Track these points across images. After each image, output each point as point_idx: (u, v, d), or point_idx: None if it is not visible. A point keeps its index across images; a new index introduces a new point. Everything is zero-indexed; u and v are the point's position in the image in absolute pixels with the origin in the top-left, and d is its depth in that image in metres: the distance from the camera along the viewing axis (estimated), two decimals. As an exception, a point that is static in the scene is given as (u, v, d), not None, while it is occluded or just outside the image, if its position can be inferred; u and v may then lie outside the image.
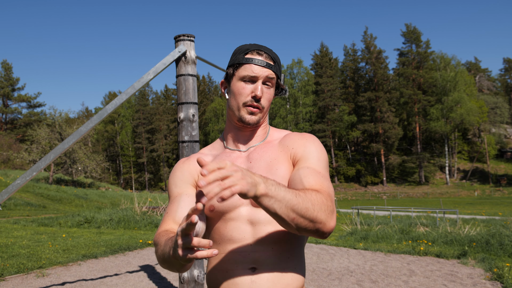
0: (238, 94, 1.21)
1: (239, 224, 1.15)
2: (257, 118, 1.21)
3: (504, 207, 27.90)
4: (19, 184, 3.16)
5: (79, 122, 40.54)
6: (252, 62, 1.19)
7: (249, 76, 1.19)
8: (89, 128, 3.32)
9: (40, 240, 8.13)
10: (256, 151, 1.25)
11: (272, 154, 1.23)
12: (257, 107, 1.20)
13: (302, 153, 1.19)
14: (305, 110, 60.35)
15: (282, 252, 1.15)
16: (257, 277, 1.12)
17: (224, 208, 1.17)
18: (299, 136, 1.25)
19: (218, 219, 1.19)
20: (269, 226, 1.15)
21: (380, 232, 9.61)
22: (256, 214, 1.16)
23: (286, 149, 1.23)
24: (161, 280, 5.17)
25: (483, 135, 61.14)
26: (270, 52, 1.23)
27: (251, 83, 1.20)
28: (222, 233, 1.17)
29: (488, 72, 75.64)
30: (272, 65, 1.21)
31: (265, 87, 1.21)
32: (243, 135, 1.28)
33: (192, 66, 3.58)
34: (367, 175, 60.28)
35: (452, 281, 5.11)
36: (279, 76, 1.24)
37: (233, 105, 1.22)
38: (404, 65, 61.05)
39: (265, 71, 1.19)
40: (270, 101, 1.23)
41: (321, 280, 5.20)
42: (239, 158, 1.25)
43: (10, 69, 60.44)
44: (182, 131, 3.48)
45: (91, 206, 21.65)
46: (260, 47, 1.22)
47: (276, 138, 1.30)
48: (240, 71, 1.21)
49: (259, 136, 1.29)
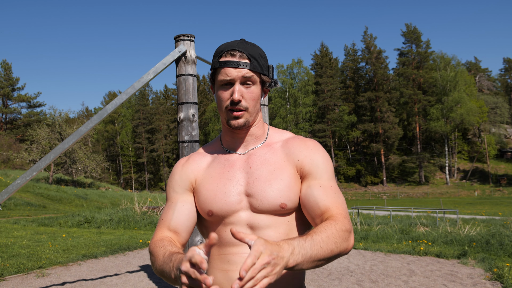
0: (219, 100, 1.18)
1: (238, 228, 1.15)
2: (243, 120, 1.17)
3: (504, 207, 27.90)
4: (19, 184, 3.16)
5: (79, 122, 40.55)
6: (225, 65, 1.14)
7: (225, 81, 1.15)
8: (89, 128, 3.32)
9: (40, 240, 8.13)
10: (256, 156, 1.22)
11: (275, 162, 1.20)
12: (239, 109, 1.15)
13: (309, 166, 1.18)
14: (305, 110, 60.34)
15: None
16: None
17: (223, 213, 1.16)
18: (303, 145, 1.22)
19: (218, 224, 1.19)
20: (268, 230, 1.15)
21: (380, 232, 9.61)
22: (256, 219, 1.15)
23: (291, 160, 1.20)
24: (161, 280, 5.17)
25: (483, 135, 61.15)
26: (245, 49, 1.16)
27: (230, 86, 1.16)
28: (221, 236, 1.17)
29: (488, 72, 75.64)
30: (247, 63, 1.14)
31: (245, 86, 1.15)
32: (238, 137, 1.24)
33: (192, 66, 3.59)
34: (367, 175, 60.29)
35: (452, 281, 5.11)
36: (260, 71, 1.17)
37: (219, 110, 1.21)
38: (404, 65, 61.05)
39: (240, 72, 1.14)
40: (255, 99, 1.17)
41: (321, 280, 5.20)
42: (237, 161, 1.23)
43: (10, 69, 60.45)
44: (182, 131, 3.48)
45: (91, 206, 21.65)
46: (233, 47, 1.16)
47: (276, 141, 1.26)
48: (217, 76, 1.17)
49: (257, 137, 1.25)
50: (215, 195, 1.18)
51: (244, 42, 1.19)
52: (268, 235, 1.14)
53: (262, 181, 1.16)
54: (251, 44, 1.20)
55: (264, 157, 1.21)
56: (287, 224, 1.17)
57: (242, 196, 1.17)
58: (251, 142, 1.25)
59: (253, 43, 1.21)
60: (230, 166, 1.22)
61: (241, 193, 1.17)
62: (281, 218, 1.16)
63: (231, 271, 1.15)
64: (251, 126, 1.23)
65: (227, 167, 1.23)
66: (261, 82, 1.20)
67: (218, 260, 1.18)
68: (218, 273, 1.17)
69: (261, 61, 1.18)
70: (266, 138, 1.27)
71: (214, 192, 1.18)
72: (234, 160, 1.24)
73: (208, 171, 1.24)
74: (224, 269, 1.16)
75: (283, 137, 1.28)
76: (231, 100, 1.15)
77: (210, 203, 1.17)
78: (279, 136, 1.29)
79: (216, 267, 1.18)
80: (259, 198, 1.15)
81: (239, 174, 1.20)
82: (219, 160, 1.26)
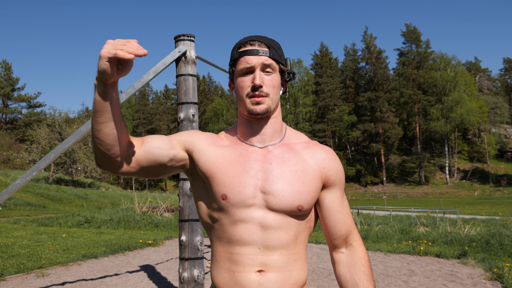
0: (240, 88, 1.18)
1: (249, 226, 1.13)
2: (265, 106, 1.16)
3: (504, 207, 27.89)
4: (19, 184, 3.16)
5: (79, 122, 40.49)
6: (245, 53, 1.16)
7: (245, 68, 1.16)
8: (89, 128, 3.32)
9: (40, 240, 8.13)
10: (276, 153, 1.20)
11: (297, 163, 1.19)
12: (260, 95, 1.15)
13: (334, 177, 1.23)
14: (305, 110, 60.33)
15: (289, 255, 1.15)
16: (264, 279, 1.12)
17: (236, 201, 1.13)
18: (326, 153, 1.23)
19: (230, 218, 1.15)
20: (280, 231, 1.14)
21: (380, 232, 9.61)
22: (269, 218, 1.13)
23: (315, 165, 1.20)
24: (161, 280, 5.17)
25: (483, 135, 61.13)
26: (264, 39, 1.18)
27: (250, 74, 1.17)
28: (232, 233, 1.15)
29: (488, 72, 75.61)
30: (266, 51, 1.16)
31: (265, 74, 1.17)
32: (256, 128, 1.21)
33: (192, 66, 3.58)
34: (367, 175, 60.28)
35: (452, 281, 5.11)
36: (278, 60, 1.18)
37: (239, 100, 1.19)
38: (404, 65, 61.04)
39: (259, 59, 1.15)
40: (275, 87, 1.18)
41: (321, 280, 5.20)
42: (255, 154, 1.19)
43: (10, 69, 60.46)
44: (182, 131, 3.48)
45: (91, 206, 21.65)
46: (252, 38, 1.18)
47: (295, 142, 1.25)
48: (237, 66, 1.18)
49: (275, 131, 1.22)
50: (231, 181, 1.15)
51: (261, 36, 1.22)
52: (278, 236, 1.13)
53: (283, 180, 1.14)
54: (268, 38, 1.22)
55: (285, 157, 1.19)
56: (297, 227, 1.16)
57: (257, 192, 1.14)
58: (269, 136, 1.22)
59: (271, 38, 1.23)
60: (248, 156, 1.19)
61: (256, 188, 1.14)
62: (293, 220, 1.15)
63: (237, 273, 1.13)
64: (270, 116, 1.21)
65: (244, 156, 1.19)
66: (280, 72, 1.21)
67: (225, 259, 1.16)
68: (225, 274, 1.15)
69: (279, 51, 1.20)
70: (284, 136, 1.25)
71: (230, 178, 1.15)
72: (252, 151, 1.20)
73: (224, 153, 1.20)
74: (231, 270, 1.14)
75: (301, 139, 1.27)
76: (252, 86, 1.15)
77: (225, 187, 1.14)
78: (297, 137, 1.27)
79: (224, 266, 1.16)
80: (278, 197, 1.13)
81: (257, 168, 1.17)
82: (236, 147, 1.22)
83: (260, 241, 1.13)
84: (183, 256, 3.38)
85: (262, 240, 1.13)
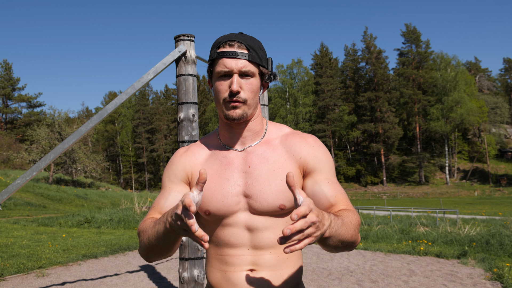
0: (217, 92, 1.15)
1: (236, 230, 1.14)
2: (241, 111, 1.12)
3: (504, 207, 27.89)
4: (19, 184, 3.16)
5: (79, 122, 40.54)
6: (224, 55, 1.11)
7: (223, 72, 1.12)
8: (89, 128, 3.32)
9: (40, 240, 8.13)
10: (255, 154, 1.18)
11: (275, 160, 1.16)
12: (237, 101, 1.12)
13: (313, 163, 1.16)
14: (305, 110, 60.34)
15: (280, 254, 1.15)
16: (255, 278, 1.13)
17: (221, 213, 1.14)
18: (304, 142, 1.19)
19: (216, 224, 1.17)
20: (267, 232, 1.14)
21: (380, 232, 9.61)
22: (254, 220, 1.13)
23: (292, 157, 1.17)
24: (161, 280, 5.17)
25: (483, 135, 61.12)
26: (244, 39, 1.13)
27: (228, 78, 1.12)
28: (219, 237, 1.16)
29: (488, 72, 75.63)
30: (246, 54, 1.11)
31: (244, 78, 1.12)
32: (236, 132, 1.19)
33: (192, 66, 3.59)
34: (367, 175, 60.28)
35: (452, 281, 5.11)
36: (259, 62, 1.13)
37: (217, 103, 1.17)
38: (404, 65, 61.05)
39: (238, 63, 1.10)
40: (254, 91, 1.13)
41: (321, 280, 5.20)
42: (235, 159, 1.18)
43: (11, 69, 60.48)
44: (182, 131, 3.48)
45: (91, 206, 21.65)
46: (232, 37, 1.13)
47: (275, 137, 1.22)
48: (215, 67, 1.14)
49: (255, 133, 1.20)
50: (213, 195, 1.14)
51: (242, 34, 1.17)
52: (266, 237, 1.13)
53: (261, 181, 1.13)
54: (249, 36, 1.17)
55: (264, 156, 1.17)
56: (285, 226, 1.15)
57: (240, 197, 1.14)
58: (249, 138, 1.20)
59: (252, 36, 1.18)
60: (228, 164, 1.18)
61: (239, 194, 1.14)
62: (280, 220, 1.15)
63: (229, 272, 1.14)
64: (249, 120, 1.19)
65: (224, 164, 1.18)
66: (260, 74, 1.16)
67: (216, 260, 1.18)
68: (217, 273, 1.17)
69: (260, 52, 1.15)
70: (265, 134, 1.23)
71: (212, 192, 1.15)
72: (232, 157, 1.19)
73: (205, 167, 1.20)
74: (222, 270, 1.16)
75: (282, 132, 1.24)
76: (229, 92, 1.11)
77: (208, 203, 1.14)
78: (278, 131, 1.24)
79: (215, 266, 1.18)
80: (258, 200, 1.12)
81: (237, 174, 1.16)
82: (216, 156, 1.21)
83: (248, 243, 1.14)
84: (183, 256, 3.38)
85: (251, 242, 1.14)
